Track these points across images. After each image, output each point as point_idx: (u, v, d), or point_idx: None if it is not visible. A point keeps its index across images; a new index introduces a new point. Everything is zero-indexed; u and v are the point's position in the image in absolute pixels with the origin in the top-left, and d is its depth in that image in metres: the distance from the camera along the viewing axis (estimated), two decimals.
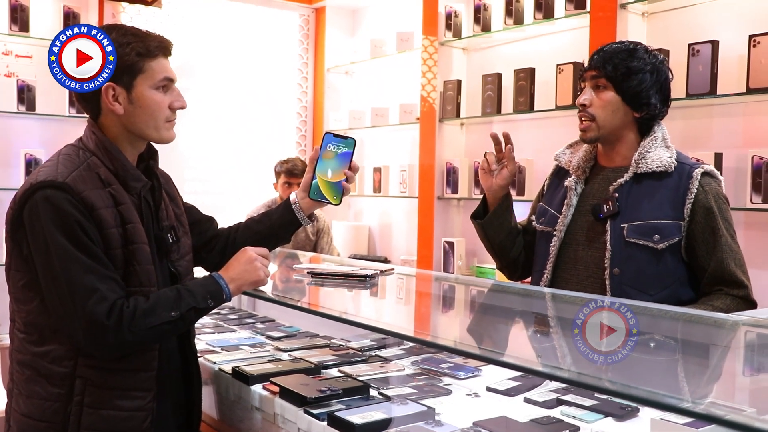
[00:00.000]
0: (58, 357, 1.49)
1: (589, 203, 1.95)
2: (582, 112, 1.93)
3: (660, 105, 1.92)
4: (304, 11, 5.16)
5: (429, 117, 4.12)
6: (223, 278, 1.58)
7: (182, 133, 4.63)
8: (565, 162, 2.06)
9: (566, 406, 1.62)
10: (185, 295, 1.52)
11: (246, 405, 1.81)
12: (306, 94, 5.19)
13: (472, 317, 1.88)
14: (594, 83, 1.92)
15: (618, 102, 1.89)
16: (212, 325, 2.54)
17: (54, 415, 1.48)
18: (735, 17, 2.89)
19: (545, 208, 2.06)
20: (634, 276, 1.84)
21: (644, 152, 1.89)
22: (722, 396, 1.18)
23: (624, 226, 1.86)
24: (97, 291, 1.42)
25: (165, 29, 4.47)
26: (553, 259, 1.98)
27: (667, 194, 1.85)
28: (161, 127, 1.59)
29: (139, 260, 1.52)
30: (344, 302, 1.94)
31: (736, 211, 2.82)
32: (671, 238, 1.83)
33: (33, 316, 1.50)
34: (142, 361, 1.54)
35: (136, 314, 1.44)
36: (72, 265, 1.42)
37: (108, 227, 1.47)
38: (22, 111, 3.96)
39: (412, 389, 1.75)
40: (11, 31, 3.92)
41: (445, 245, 3.99)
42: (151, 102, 1.56)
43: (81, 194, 1.45)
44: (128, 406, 1.52)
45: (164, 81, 1.57)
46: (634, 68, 1.87)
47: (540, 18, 3.54)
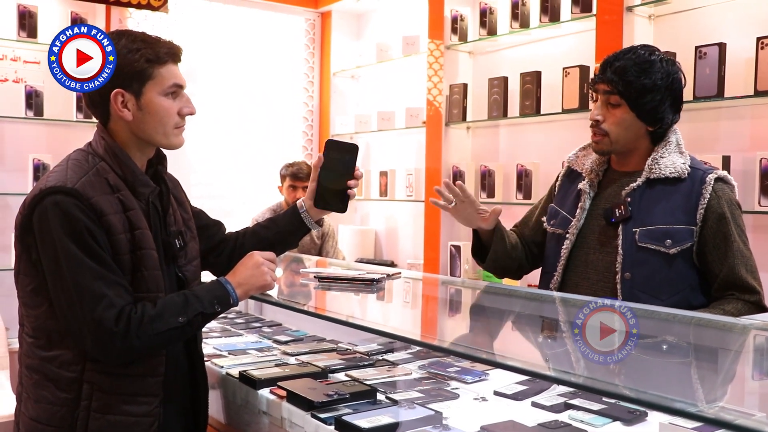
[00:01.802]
0: (65, 362, 1.49)
1: (602, 207, 1.94)
2: (595, 127, 1.91)
3: (674, 116, 1.90)
4: (310, 16, 5.17)
5: (435, 121, 4.12)
6: (230, 283, 1.58)
7: (189, 137, 4.63)
8: (578, 164, 2.04)
9: (574, 410, 1.61)
10: (192, 300, 1.52)
11: (253, 409, 1.81)
12: (312, 99, 5.20)
13: (479, 321, 1.88)
14: (606, 99, 1.88)
15: (632, 119, 1.87)
16: (219, 330, 2.54)
17: (62, 420, 1.49)
18: (742, 19, 2.88)
19: (557, 210, 2.05)
20: (646, 280, 1.83)
21: (658, 158, 1.88)
22: (732, 400, 1.17)
23: (636, 230, 1.85)
24: (105, 297, 1.42)
25: (171, 34, 4.49)
26: (563, 261, 1.97)
27: (679, 199, 1.84)
28: (170, 133, 1.59)
29: (147, 266, 1.52)
30: (351, 306, 1.94)
31: (744, 214, 2.81)
32: (683, 243, 1.82)
33: (41, 321, 1.51)
34: (149, 366, 1.55)
35: (144, 320, 1.45)
36: (80, 271, 1.43)
37: (117, 233, 1.48)
38: (30, 116, 3.98)
39: (419, 393, 1.75)
40: (19, 37, 3.94)
41: (452, 249, 3.98)
42: (160, 108, 1.56)
43: (90, 200, 1.45)
44: (135, 411, 1.52)
45: (173, 87, 1.57)
46: (648, 86, 1.83)
47: (546, 21, 3.54)
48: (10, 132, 4.02)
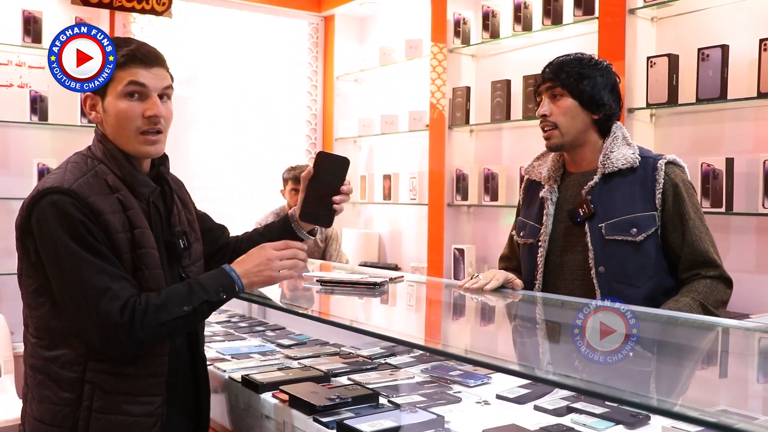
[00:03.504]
0: (68, 362, 1.50)
1: (565, 209, 2.01)
2: (544, 122, 2.00)
3: (614, 105, 2.00)
4: (313, 19, 5.18)
5: (438, 124, 4.12)
6: (234, 270, 1.55)
7: (192, 141, 4.69)
8: (535, 174, 2.13)
9: (577, 414, 1.61)
10: (197, 289, 1.50)
11: (256, 413, 1.81)
12: (315, 102, 5.21)
13: (482, 325, 1.88)
14: (551, 93, 2.00)
15: (576, 107, 1.97)
16: (222, 333, 2.55)
17: (64, 420, 1.49)
18: (745, 21, 2.88)
19: (524, 222, 2.14)
20: (619, 271, 1.90)
21: (608, 153, 1.97)
22: (735, 404, 1.16)
23: (602, 225, 1.93)
24: (109, 290, 1.43)
25: (175, 39, 4.51)
26: (541, 268, 2.03)
27: (637, 188, 1.93)
28: (132, 138, 1.54)
29: (147, 265, 1.52)
30: (354, 310, 1.94)
31: (748, 216, 2.81)
32: (648, 229, 1.90)
33: (44, 321, 1.52)
34: (151, 366, 1.55)
35: (149, 311, 1.44)
36: (82, 267, 1.43)
37: (115, 232, 1.48)
38: (34, 121, 4.00)
39: (421, 397, 1.75)
40: (24, 43, 3.96)
41: (456, 252, 3.98)
42: (118, 111, 1.53)
43: (87, 200, 1.46)
44: (136, 411, 1.52)
45: (130, 86, 1.52)
46: (585, 73, 1.97)
47: (548, 24, 3.54)
48: (15, 137, 4.04)
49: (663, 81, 2.96)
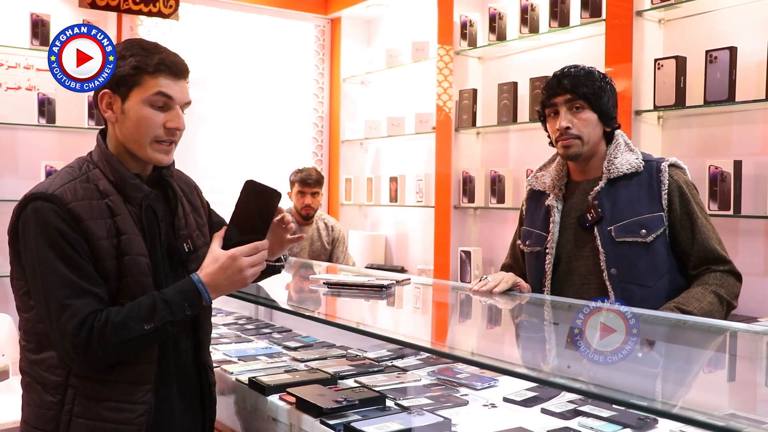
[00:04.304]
0: (52, 365, 1.50)
1: (573, 216, 2.04)
2: (564, 134, 2.00)
3: (616, 117, 2.07)
4: (320, 22, 5.19)
5: (445, 126, 4.12)
6: (203, 283, 1.50)
7: (199, 143, 4.70)
8: (539, 184, 2.16)
9: (584, 417, 1.60)
10: (161, 307, 1.46)
11: (263, 415, 1.81)
12: (322, 105, 5.22)
13: (489, 327, 1.87)
14: (570, 106, 2.01)
15: (595, 120, 2.01)
16: (230, 335, 2.55)
17: (47, 423, 1.49)
18: (753, 23, 2.87)
19: (529, 231, 2.15)
20: (631, 272, 1.93)
21: (612, 159, 2.01)
22: (743, 407, 1.16)
23: (611, 228, 1.96)
24: (69, 307, 1.41)
25: (182, 41, 4.52)
26: (549, 275, 2.04)
27: (642, 191, 1.97)
28: (146, 145, 1.54)
29: (132, 272, 1.50)
30: (361, 312, 1.94)
31: (756, 219, 2.80)
32: (657, 230, 1.93)
33: (31, 324, 1.52)
34: (132, 373, 1.51)
35: (106, 330, 1.42)
36: (51, 278, 1.43)
37: (96, 239, 1.46)
38: (42, 123, 4.02)
39: (428, 400, 1.75)
40: (32, 46, 3.98)
41: (462, 254, 3.98)
42: (140, 116, 1.52)
43: (68, 205, 1.45)
44: (116, 418, 1.49)
45: (158, 96, 1.52)
46: (602, 88, 2.02)
47: (555, 26, 3.54)
48: (23, 139, 4.06)
49: (670, 83, 2.96)
